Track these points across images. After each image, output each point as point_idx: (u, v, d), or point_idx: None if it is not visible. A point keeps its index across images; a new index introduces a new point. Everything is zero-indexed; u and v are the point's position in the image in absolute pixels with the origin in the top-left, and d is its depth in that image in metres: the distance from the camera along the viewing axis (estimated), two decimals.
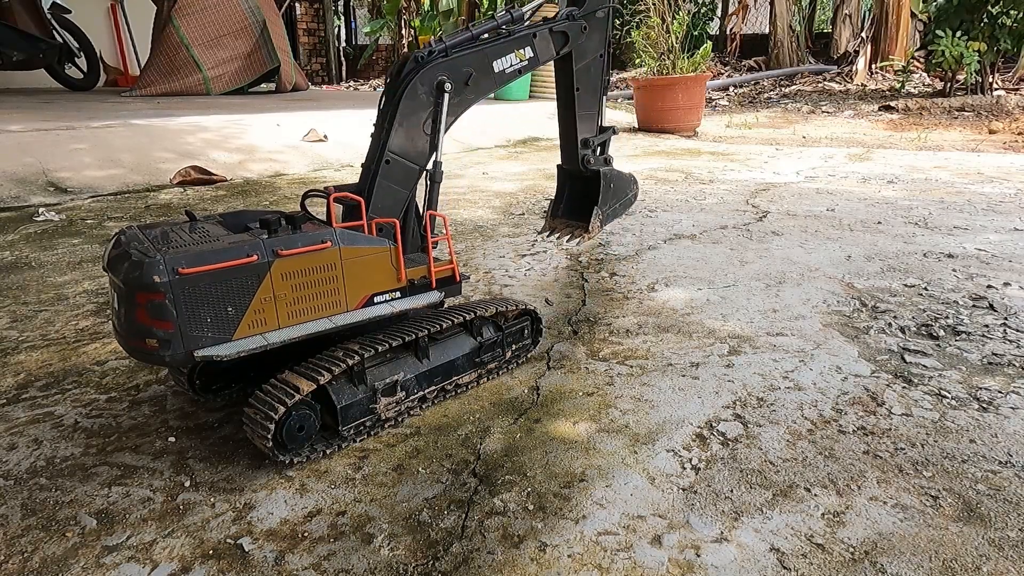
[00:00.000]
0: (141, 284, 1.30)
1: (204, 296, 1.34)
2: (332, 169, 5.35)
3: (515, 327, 1.89)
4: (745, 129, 7.94)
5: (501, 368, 1.88)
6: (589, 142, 2.12)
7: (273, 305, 1.42)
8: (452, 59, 1.67)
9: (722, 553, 1.20)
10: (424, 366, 1.67)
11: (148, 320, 1.32)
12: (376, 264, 1.58)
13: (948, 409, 1.67)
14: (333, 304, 1.52)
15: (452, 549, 1.22)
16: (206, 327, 1.36)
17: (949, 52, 8.27)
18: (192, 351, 1.35)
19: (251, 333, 1.41)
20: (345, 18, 18.92)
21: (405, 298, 1.65)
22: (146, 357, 1.39)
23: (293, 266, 1.43)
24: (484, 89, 1.77)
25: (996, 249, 2.99)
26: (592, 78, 2.02)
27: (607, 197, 2.22)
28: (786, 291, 2.51)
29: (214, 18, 8.70)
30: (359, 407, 1.54)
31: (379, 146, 1.63)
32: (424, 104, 1.65)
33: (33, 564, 1.19)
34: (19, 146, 4.47)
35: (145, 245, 1.37)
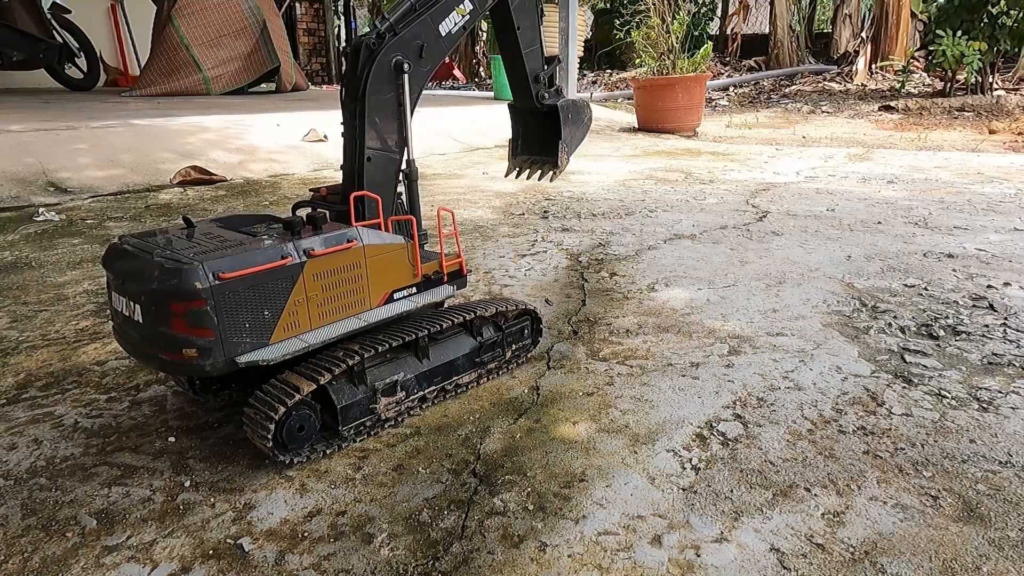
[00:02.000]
0: (181, 292, 1.27)
1: (243, 301, 1.33)
2: (332, 169, 5.34)
3: (515, 327, 1.88)
4: (745, 129, 7.94)
5: (501, 368, 1.87)
6: (539, 76, 2.10)
7: (306, 306, 1.43)
8: (401, 35, 1.63)
9: (722, 553, 1.20)
10: (424, 366, 1.66)
11: (187, 329, 1.29)
12: (395, 261, 1.61)
13: (948, 409, 1.67)
14: (359, 302, 1.54)
15: (452, 549, 1.22)
16: (245, 332, 1.35)
17: (950, 52, 8.27)
18: (233, 358, 1.34)
19: (287, 336, 1.41)
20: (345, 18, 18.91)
21: (421, 293, 1.68)
22: (181, 368, 1.37)
23: (324, 266, 1.44)
24: (437, 56, 1.74)
25: (996, 249, 2.99)
26: (529, 11, 1.99)
27: (568, 129, 2.20)
28: (786, 291, 2.51)
29: (214, 18, 8.69)
30: (359, 407, 1.53)
31: (356, 145, 1.62)
32: (388, 91, 1.63)
33: (33, 564, 1.19)
34: (19, 146, 4.47)
35: (168, 251, 1.34)
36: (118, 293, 1.40)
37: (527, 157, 2.31)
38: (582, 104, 2.27)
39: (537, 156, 2.28)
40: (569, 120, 2.19)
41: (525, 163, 2.32)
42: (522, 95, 2.13)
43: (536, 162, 2.29)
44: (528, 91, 2.10)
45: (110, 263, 1.43)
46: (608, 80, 13.39)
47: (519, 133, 2.30)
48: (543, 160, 2.26)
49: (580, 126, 2.27)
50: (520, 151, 2.31)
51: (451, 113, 7.60)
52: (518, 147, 2.31)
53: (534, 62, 2.07)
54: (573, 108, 2.19)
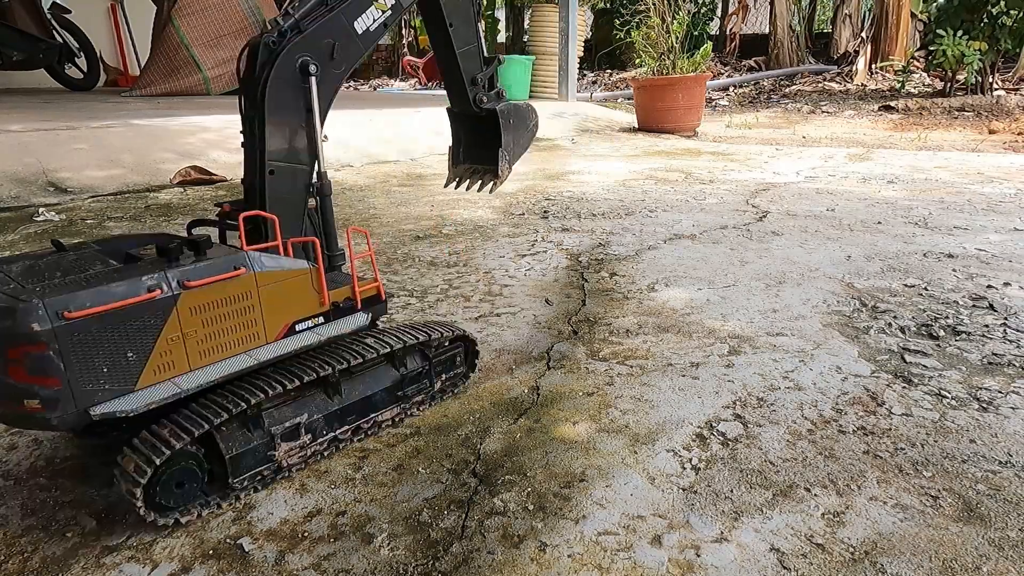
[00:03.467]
0: (17, 333, 1.08)
1: (98, 342, 1.14)
2: (332, 169, 5.35)
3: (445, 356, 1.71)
4: (745, 129, 7.94)
5: (429, 401, 1.71)
6: (476, 79, 1.93)
7: (182, 344, 1.24)
8: (307, 34, 1.45)
9: (722, 553, 1.20)
10: (335, 403, 1.48)
11: (27, 377, 1.10)
12: (296, 288, 1.41)
13: (948, 409, 1.67)
14: (250, 337, 1.34)
15: (452, 549, 1.22)
16: (102, 379, 1.16)
17: (950, 52, 8.27)
18: (87, 408, 1.15)
19: (159, 379, 1.22)
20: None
21: (330, 323, 1.49)
22: (25, 422, 1.20)
23: (203, 298, 1.25)
24: (353, 56, 1.56)
25: (996, 249, 2.99)
26: (463, 8, 1.83)
27: (510, 135, 2.03)
28: (786, 291, 2.51)
29: (214, 18, 8.69)
30: (254, 455, 1.35)
31: (256, 157, 1.44)
32: (292, 95, 1.45)
33: (33, 564, 1.19)
34: (19, 146, 4.47)
35: (11, 285, 1.14)
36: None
37: (468, 166, 2.14)
38: (526, 108, 2.11)
39: (478, 164, 2.11)
40: (511, 126, 2.03)
41: (465, 172, 2.14)
42: (459, 98, 1.97)
43: (477, 171, 2.12)
44: (465, 95, 1.94)
45: None
46: (608, 80, 13.39)
47: (460, 140, 2.13)
48: (484, 169, 2.09)
49: (524, 131, 2.11)
50: (461, 159, 2.14)
51: None
52: (459, 155, 2.14)
53: (470, 63, 1.90)
54: (515, 113, 2.04)
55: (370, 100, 9.47)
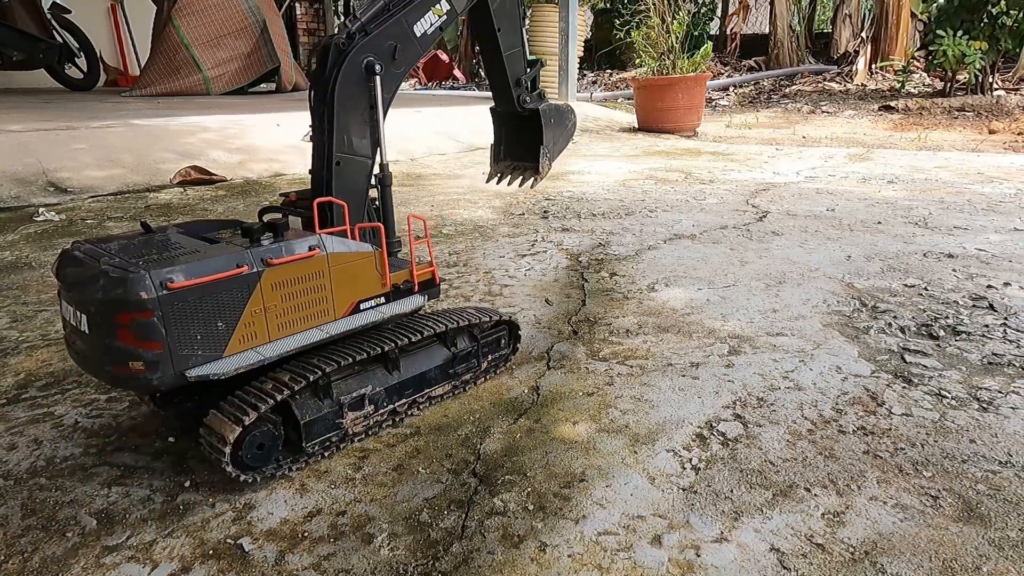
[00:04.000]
0: (126, 301, 1.20)
1: (194, 312, 1.26)
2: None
3: (491, 337, 1.83)
4: (745, 129, 7.94)
5: (477, 380, 1.82)
6: (521, 81, 2.06)
7: (264, 317, 1.36)
8: (372, 36, 1.56)
9: (722, 553, 1.20)
10: (394, 378, 1.60)
11: (133, 341, 1.22)
12: (361, 270, 1.53)
13: (948, 409, 1.67)
14: (321, 313, 1.46)
15: (452, 549, 1.22)
16: (196, 345, 1.27)
17: (951, 52, 8.27)
18: (183, 371, 1.26)
19: (243, 348, 1.34)
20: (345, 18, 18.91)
21: (390, 303, 1.60)
22: (128, 382, 1.30)
23: (283, 275, 1.37)
24: (411, 58, 1.67)
25: (996, 249, 2.99)
26: (510, 14, 1.94)
27: (551, 134, 2.16)
28: (786, 291, 2.51)
29: (214, 18, 8.69)
30: (324, 424, 1.47)
31: (325, 149, 1.56)
32: (358, 93, 1.57)
33: (33, 564, 1.19)
34: (19, 146, 4.47)
35: (116, 259, 1.27)
36: (66, 302, 1.33)
37: (509, 163, 2.26)
38: (566, 109, 2.22)
39: (519, 162, 2.23)
40: (551, 125, 2.14)
41: (507, 169, 2.27)
42: (503, 99, 2.09)
43: (518, 168, 2.24)
44: (509, 95, 2.06)
45: (60, 269, 1.36)
46: (608, 80, 13.39)
47: (501, 138, 2.25)
48: (524, 166, 2.21)
49: (563, 131, 2.22)
50: (502, 156, 2.27)
51: (451, 113, 7.60)
52: (500, 152, 2.27)
53: (515, 65, 2.02)
54: (556, 113, 2.15)
55: None
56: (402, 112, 7.20)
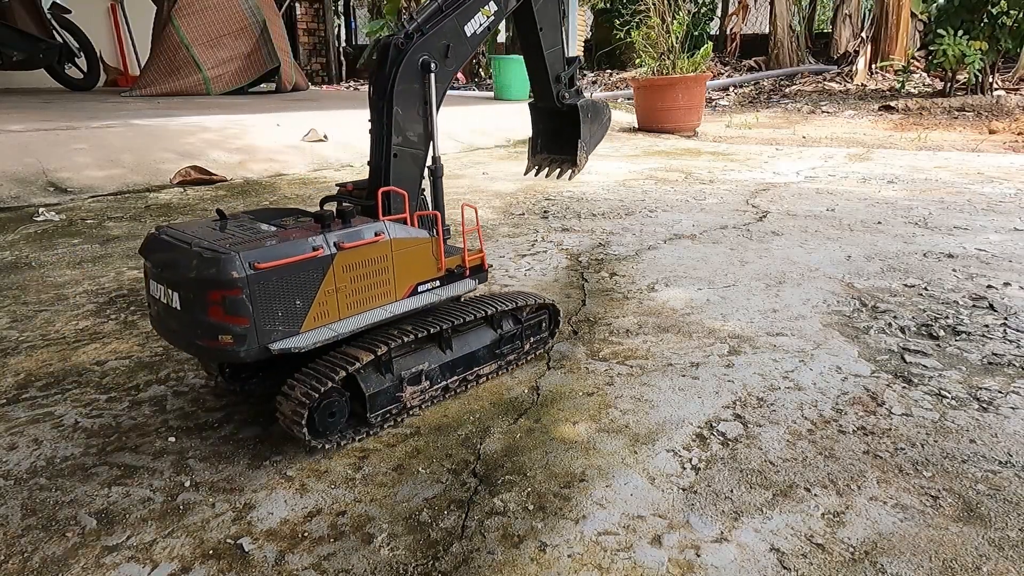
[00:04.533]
0: (220, 280, 1.31)
1: (276, 290, 1.38)
2: (332, 169, 5.35)
3: (533, 320, 1.94)
4: (745, 129, 7.94)
5: (520, 360, 1.92)
6: (561, 78, 2.14)
7: (335, 297, 1.47)
8: (428, 36, 1.66)
9: (722, 553, 1.20)
10: (447, 356, 1.71)
11: (223, 316, 1.33)
12: (420, 254, 1.65)
13: (948, 409, 1.67)
14: (385, 294, 1.58)
15: (452, 549, 1.22)
16: (278, 321, 1.39)
17: (951, 52, 8.27)
18: (267, 345, 1.38)
19: (317, 325, 1.45)
20: (345, 18, 18.92)
21: (444, 286, 1.72)
22: (217, 354, 1.42)
23: (353, 258, 1.49)
24: (462, 56, 1.77)
25: (996, 249, 2.99)
26: (551, 13, 2.02)
27: (588, 128, 2.25)
28: (786, 291, 2.51)
29: (214, 18, 8.69)
30: (386, 395, 1.58)
31: (384, 141, 1.66)
32: (415, 89, 1.67)
33: (33, 564, 1.19)
34: (19, 146, 4.47)
35: (204, 242, 1.38)
36: (156, 281, 1.44)
37: (546, 155, 2.35)
38: (601, 105, 2.31)
39: (556, 155, 2.32)
40: (588, 119, 2.23)
41: (544, 161, 2.36)
42: (543, 95, 2.16)
43: (555, 160, 2.33)
44: (549, 91, 2.13)
45: (148, 252, 1.47)
46: (608, 80, 13.39)
47: (539, 132, 2.33)
48: (562, 159, 2.30)
49: (599, 126, 2.31)
50: (540, 149, 2.35)
51: (451, 113, 7.60)
52: (538, 145, 2.35)
53: (556, 63, 2.10)
54: (593, 108, 2.24)
55: None
56: None
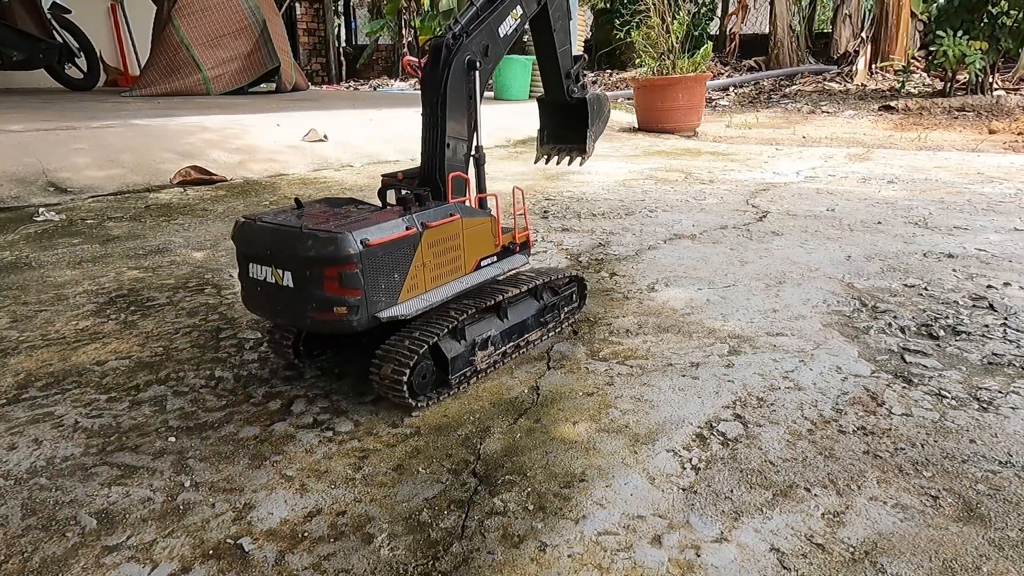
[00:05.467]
0: (337, 257, 1.46)
1: (381, 265, 1.53)
2: (332, 169, 5.34)
3: (567, 292, 2.15)
4: (745, 129, 7.94)
5: (558, 328, 2.12)
6: (570, 73, 2.30)
7: (423, 271, 1.65)
8: (472, 37, 1.84)
9: (722, 553, 1.20)
10: (505, 324, 1.89)
11: (339, 290, 1.48)
12: (482, 233, 1.84)
13: (948, 409, 1.67)
14: (457, 268, 1.76)
15: (452, 549, 1.22)
16: (382, 292, 1.55)
17: (951, 52, 8.27)
18: (375, 314, 1.53)
19: (409, 296, 1.62)
20: (345, 18, 18.92)
21: (501, 261, 1.92)
22: (329, 325, 1.55)
23: (436, 236, 1.67)
24: (498, 55, 1.95)
25: (996, 249, 2.99)
26: (563, 16, 2.19)
27: (595, 119, 2.43)
28: (786, 291, 2.51)
29: (214, 18, 8.69)
30: (463, 359, 1.75)
31: (437, 132, 1.83)
32: (463, 85, 1.84)
33: (33, 564, 1.19)
34: (19, 146, 4.47)
35: (315, 224, 1.53)
36: (260, 263, 1.58)
37: (553, 146, 2.52)
38: (604, 98, 2.50)
39: (563, 144, 2.50)
40: (595, 111, 2.41)
41: (553, 151, 2.53)
42: (554, 89, 2.34)
43: (563, 150, 2.51)
44: (560, 85, 2.30)
45: (245, 238, 1.61)
46: (608, 80, 13.39)
47: (546, 124, 2.50)
48: (570, 147, 2.49)
49: (603, 117, 2.50)
50: (547, 140, 2.52)
51: None
52: (545, 137, 2.52)
53: (566, 60, 2.26)
54: (597, 101, 2.43)
55: (370, 100, 9.46)
56: (402, 112, 7.20)
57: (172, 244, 3.22)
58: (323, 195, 4.33)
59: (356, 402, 1.73)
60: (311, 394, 1.78)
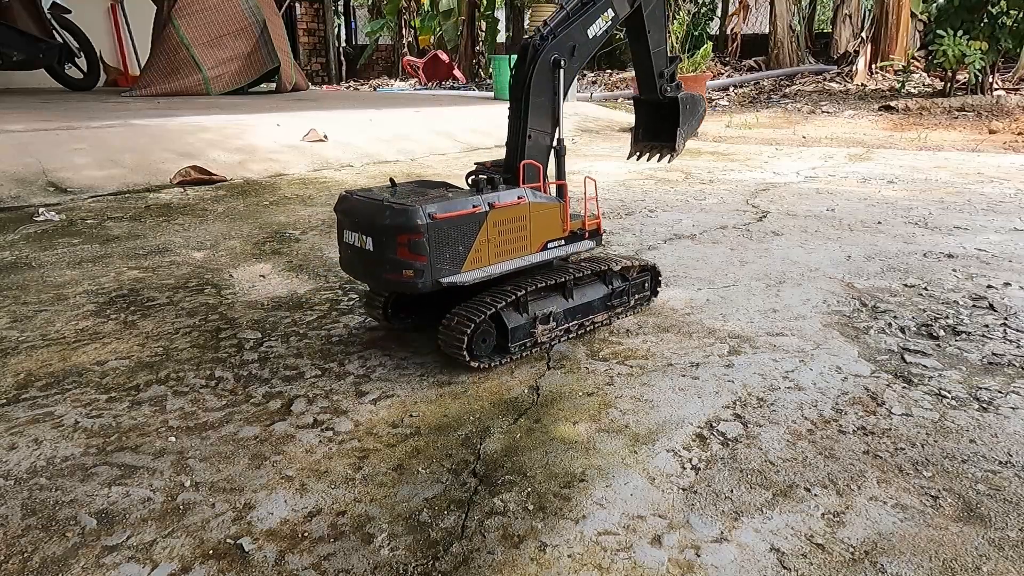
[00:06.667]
0: (407, 226, 1.67)
1: (446, 237, 1.72)
2: (332, 169, 5.34)
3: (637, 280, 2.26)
4: (745, 129, 7.93)
5: (626, 313, 2.23)
6: (664, 73, 2.39)
7: (487, 246, 1.82)
8: (560, 38, 1.95)
9: (722, 553, 1.20)
10: (569, 303, 2.04)
11: (408, 255, 1.69)
12: (550, 216, 1.97)
13: (948, 409, 1.67)
14: (523, 248, 1.92)
15: (452, 549, 1.22)
16: (446, 261, 1.74)
17: (951, 52, 8.27)
18: (438, 279, 1.73)
19: (473, 268, 1.80)
20: (345, 18, 18.92)
21: (569, 244, 2.05)
22: (400, 285, 1.78)
23: (501, 216, 1.83)
24: (585, 55, 2.06)
25: (996, 249, 2.99)
26: (658, 18, 2.29)
27: (686, 118, 2.50)
28: (786, 291, 2.51)
29: (214, 18, 8.70)
30: (523, 330, 1.91)
31: (521, 125, 1.97)
32: (547, 82, 1.97)
33: (33, 564, 1.19)
34: (19, 146, 4.47)
35: (396, 198, 1.75)
36: (351, 230, 1.82)
37: (646, 143, 2.61)
38: (699, 98, 2.57)
39: (655, 141, 2.59)
40: (687, 111, 2.48)
41: (645, 148, 2.63)
42: (647, 88, 2.42)
43: (655, 147, 2.61)
44: (653, 85, 2.39)
45: (344, 208, 1.85)
46: (608, 80, 13.39)
47: (641, 122, 2.60)
48: (661, 145, 2.58)
49: (695, 117, 2.56)
50: (640, 137, 2.62)
51: (451, 113, 7.60)
52: (639, 134, 2.62)
53: (660, 61, 2.35)
54: (691, 101, 2.50)
55: (370, 100, 9.47)
56: (402, 112, 7.20)
57: (172, 244, 3.22)
58: (323, 195, 4.34)
59: (356, 402, 1.73)
60: (311, 394, 1.78)
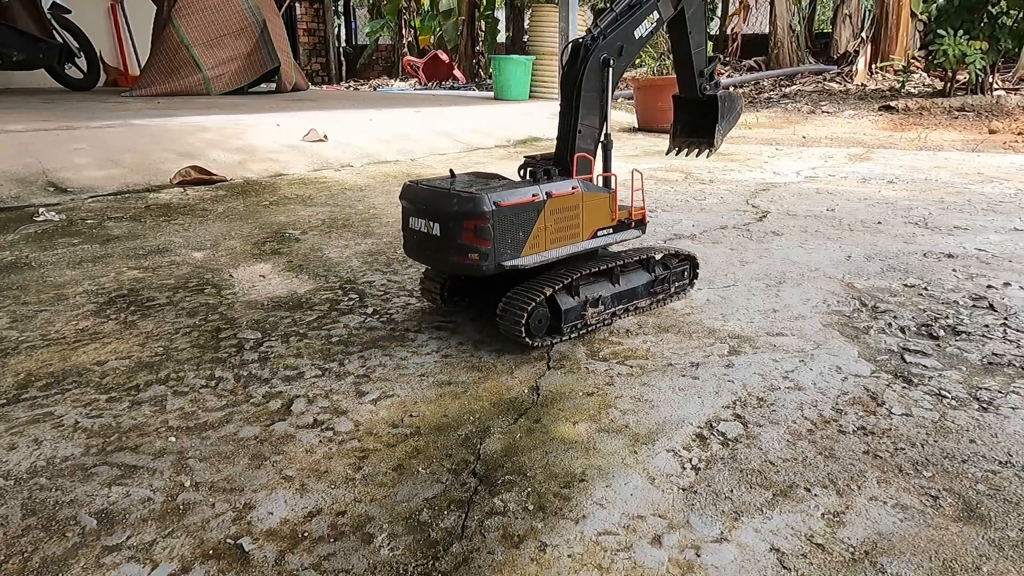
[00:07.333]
0: (474, 213, 1.79)
1: (508, 223, 1.84)
2: (332, 169, 5.34)
3: (678, 268, 2.37)
4: (745, 129, 7.93)
5: (667, 299, 2.35)
6: (703, 72, 2.46)
7: (544, 233, 1.94)
8: (608, 39, 2.05)
9: (722, 553, 1.20)
10: (616, 288, 2.15)
11: (474, 240, 1.81)
12: (600, 206, 2.09)
13: (948, 409, 1.67)
14: (575, 235, 2.04)
15: (452, 549, 1.22)
16: (507, 246, 1.86)
17: (951, 52, 8.27)
18: (501, 263, 1.85)
19: (531, 252, 1.92)
20: (345, 18, 18.92)
21: (617, 232, 2.18)
22: (465, 268, 1.89)
23: (558, 205, 1.96)
24: (631, 54, 2.16)
25: (996, 249, 2.99)
26: (699, 20, 2.37)
27: (724, 116, 2.57)
28: (786, 291, 2.51)
29: (214, 18, 8.69)
30: (574, 312, 2.02)
31: (572, 120, 2.06)
32: (597, 79, 2.06)
33: (33, 564, 1.19)
34: (19, 146, 4.47)
35: (462, 187, 1.86)
36: (417, 217, 1.94)
37: (684, 139, 2.70)
38: (736, 96, 2.67)
39: (694, 138, 2.67)
40: (725, 108, 2.56)
41: (683, 144, 2.71)
42: (688, 87, 2.50)
43: (693, 143, 2.68)
44: (693, 83, 2.47)
45: (410, 197, 1.97)
46: None
47: (679, 119, 2.69)
48: (700, 141, 2.65)
49: (733, 115, 2.64)
50: (679, 134, 2.70)
51: (451, 113, 7.60)
52: (678, 131, 2.70)
53: (700, 60, 2.43)
54: (729, 99, 2.59)
55: (370, 100, 9.47)
56: (402, 112, 7.20)
57: (172, 244, 3.22)
58: (323, 195, 4.34)
59: (356, 402, 1.73)
60: (311, 394, 1.78)
